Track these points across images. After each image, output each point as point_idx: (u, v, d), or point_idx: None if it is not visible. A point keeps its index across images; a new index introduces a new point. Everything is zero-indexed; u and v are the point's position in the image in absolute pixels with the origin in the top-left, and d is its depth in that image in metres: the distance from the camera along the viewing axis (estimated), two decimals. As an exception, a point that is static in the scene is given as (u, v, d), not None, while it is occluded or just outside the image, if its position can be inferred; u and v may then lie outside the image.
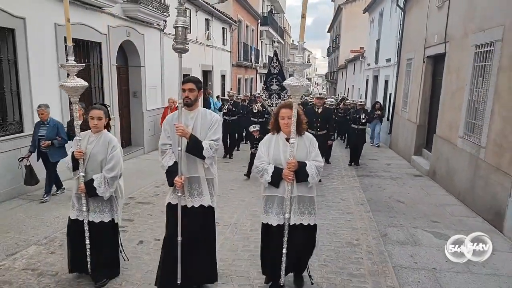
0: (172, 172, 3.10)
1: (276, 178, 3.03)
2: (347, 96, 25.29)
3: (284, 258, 3.08)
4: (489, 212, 5.33)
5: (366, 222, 5.32)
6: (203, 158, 3.08)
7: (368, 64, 19.48)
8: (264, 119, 9.21)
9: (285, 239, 3.03)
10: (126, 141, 9.98)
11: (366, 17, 21.31)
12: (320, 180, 6.94)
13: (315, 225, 3.21)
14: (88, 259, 3.43)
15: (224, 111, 10.26)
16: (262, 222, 3.21)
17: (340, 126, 13.65)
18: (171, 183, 3.11)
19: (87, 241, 3.38)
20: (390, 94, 13.83)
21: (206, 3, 14.35)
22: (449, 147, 7.15)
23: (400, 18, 12.58)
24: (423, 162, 8.97)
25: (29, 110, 6.16)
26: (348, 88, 29.15)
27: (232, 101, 10.35)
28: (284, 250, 3.04)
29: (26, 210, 5.49)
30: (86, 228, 3.36)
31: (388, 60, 14.45)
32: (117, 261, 3.66)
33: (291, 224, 3.05)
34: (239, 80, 21.98)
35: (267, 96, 7.90)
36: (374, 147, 12.69)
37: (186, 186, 3.15)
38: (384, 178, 8.19)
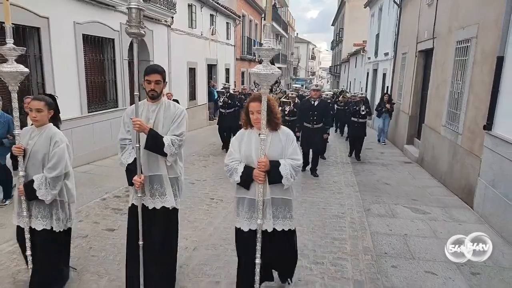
0: (131, 170, 2.86)
1: (246, 179, 2.66)
2: (349, 90, 25.86)
3: (257, 270, 2.70)
4: (463, 191, 5.97)
5: (353, 200, 5.98)
6: (164, 155, 2.83)
7: (369, 58, 20.00)
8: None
9: (258, 247, 2.65)
10: None
11: (368, 11, 21.78)
12: (317, 175, 7.37)
13: (293, 230, 2.90)
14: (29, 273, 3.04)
15: (220, 103, 10.32)
16: (235, 226, 2.87)
17: (339, 118, 14.24)
18: (130, 183, 2.87)
19: (28, 252, 2.98)
20: (387, 87, 14.40)
21: (211, -1, 14.95)
22: (435, 135, 7.77)
23: (397, 14, 13.11)
24: (414, 150, 9.59)
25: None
26: (350, 82, 29.65)
27: (228, 94, 10.23)
28: (257, 261, 2.67)
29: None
30: (27, 236, 2.95)
31: (386, 54, 15.00)
32: (62, 279, 3.24)
33: (263, 230, 2.69)
34: (242, 73, 22.58)
35: (258, 89, 7.30)
36: (381, 145, 11.63)
37: (147, 186, 2.91)
38: (376, 164, 8.82)
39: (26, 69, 2.92)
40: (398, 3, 12.58)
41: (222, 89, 10.92)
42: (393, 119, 12.54)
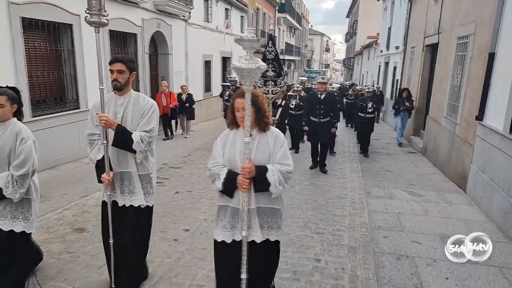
0: (101, 167, 2.77)
1: (229, 186, 2.38)
2: (361, 83, 26.12)
3: (243, 287, 2.43)
4: (458, 177, 6.45)
5: (355, 184, 6.53)
6: (133, 152, 2.74)
7: (381, 51, 20.25)
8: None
9: (244, 261, 2.40)
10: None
11: (381, 4, 21.94)
12: (326, 172, 7.21)
13: (276, 242, 2.57)
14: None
15: (226, 97, 10.37)
16: (214, 239, 2.56)
17: (349, 112, 14.43)
18: (99, 180, 2.81)
19: None
20: (397, 80, 14.75)
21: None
22: (436, 126, 8.22)
23: (407, 8, 13.41)
24: (419, 141, 10.03)
25: (84, 91, 7.59)
26: (363, 74, 29.86)
27: (234, 87, 10.15)
28: (243, 276, 2.41)
29: None
30: None
31: (397, 48, 15.30)
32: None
33: (249, 241, 2.42)
34: (256, 66, 23.08)
35: (262, 83, 7.16)
36: (397, 145, 10.32)
37: (118, 182, 2.85)
38: (381, 154, 9.30)
39: None
40: (408, -3, 12.87)
41: (227, 82, 11.12)
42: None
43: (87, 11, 2.48)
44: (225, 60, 17.26)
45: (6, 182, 2.71)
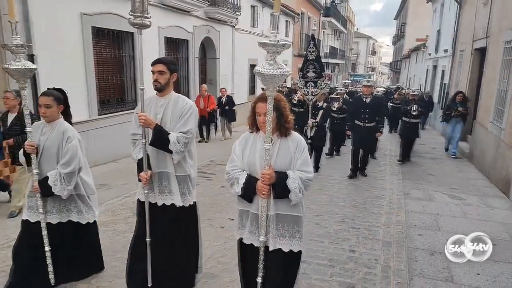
0: (141, 166, 2.83)
1: (248, 191, 2.36)
2: (408, 86, 25.45)
3: None
4: (502, 182, 6.37)
5: (394, 186, 6.66)
6: (170, 152, 2.78)
7: (429, 54, 19.74)
8: (303, 109, 8.27)
9: (261, 266, 2.41)
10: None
11: (431, 6, 21.38)
12: (366, 175, 7.22)
13: (298, 252, 2.48)
14: (50, 269, 3.04)
15: None
16: (237, 239, 2.61)
17: (393, 117, 14.08)
18: (139, 178, 2.86)
19: (47, 248, 2.98)
20: (445, 84, 14.39)
21: (272, -1, 15.97)
22: (483, 131, 8.08)
23: (457, 10, 13.09)
24: (465, 146, 9.81)
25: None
26: (410, 78, 29.06)
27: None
28: (259, 279, 2.43)
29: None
30: (44, 233, 2.95)
31: (445, 51, 14.94)
32: (97, 260, 3.42)
33: (266, 248, 2.41)
34: (299, 68, 23.37)
35: (303, 84, 7.14)
36: (450, 157, 9.19)
37: (156, 182, 2.90)
38: (424, 158, 9.25)
39: (34, 66, 2.83)
40: (458, 0, 12.59)
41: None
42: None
43: (131, 13, 2.48)
44: (270, 64, 17.72)
45: (54, 180, 2.87)
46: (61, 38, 6.31)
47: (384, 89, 14.30)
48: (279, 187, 2.30)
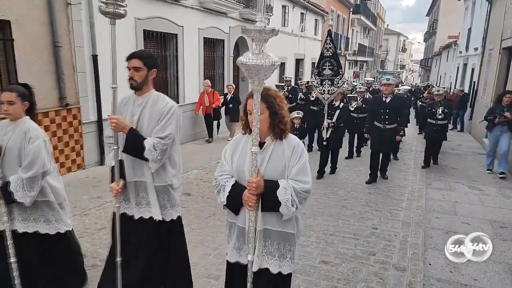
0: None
1: (234, 201, 2.09)
2: (438, 84, 25.25)
3: None
4: (522, 176, 6.66)
5: (417, 177, 7.12)
6: (146, 160, 2.46)
7: (460, 52, 19.64)
8: (319, 109, 7.93)
9: (249, 286, 2.11)
10: (235, 118, 12.77)
11: (462, 4, 21.20)
12: (386, 177, 6.79)
13: (288, 275, 2.18)
14: (16, 281, 2.67)
15: None
16: (227, 258, 2.31)
17: (423, 118, 13.78)
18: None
19: (12, 259, 2.63)
20: (474, 82, 14.46)
21: (303, -1, 16.51)
22: (508, 128, 8.33)
23: (487, 9, 13.15)
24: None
25: (183, 89, 9.18)
26: (440, 76, 28.74)
27: (289, 87, 9.57)
28: None
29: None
30: (9, 242, 2.61)
31: (476, 49, 14.97)
32: (74, 276, 3.03)
33: (248, 265, 2.12)
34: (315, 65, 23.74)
35: (319, 82, 6.74)
36: (492, 174, 7.39)
37: (133, 193, 2.60)
38: (449, 154, 9.57)
39: None
40: (488, -1, 12.68)
41: (283, 82, 10.16)
42: (477, 115, 12.74)
43: (103, 1, 2.25)
44: (298, 62, 18.29)
45: (16, 186, 2.55)
46: (120, 40, 7.11)
47: (410, 87, 13.87)
48: (268, 198, 2.00)
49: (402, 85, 18.18)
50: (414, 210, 5.30)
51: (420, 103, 14.09)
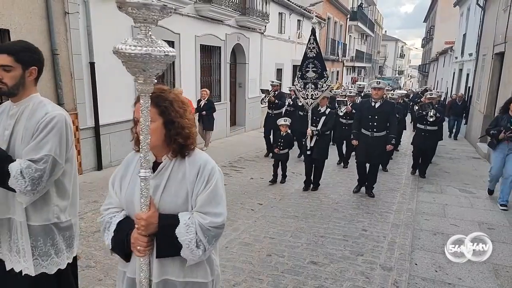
0: None
1: (122, 244, 1.54)
2: (436, 89, 25.43)
3: None
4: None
5: (410, 180, 7.23)
6: (12, 190, 1.79)
7: (456, 58, 19.88)
8: (303, 114, 7.51)
9: None
10: (233, 122, 12.95)
11: (458, 10, 21.48)
12: (373, 196, 6.03)
13: None
14: None
15: (264, 103, 9.28)
16: None
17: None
18: None
19: None
20: (469, 87, 14.64)
21: (300, 6, 16.71)
22: (499, 132, 8.46)
23: (481, 15, 13.36)
24: (485, 147, 10.12)
25: (179, 95, 9.34)
26: (437, 81, 29.00)
27: (275, 92, 8.97)
28: None
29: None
30: None
31: (470, 55, 15.18)
32: None
33: None
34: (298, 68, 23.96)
35: (302, 86, 6.16)
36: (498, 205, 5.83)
37: (5, 234, 1.93)
38: (443, 158, 9.68)
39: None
40: (481, 5, 12.89)
41: (269, 87, 9.42)
42: (471, 119, 12.87)
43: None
44: (296, 68, 18.44)
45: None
46: (185, 54, 9.33)
47: (405, 92, 13.70)
48: (163, 239, 1.48)
49: (398, 90, 18.28)
50: (405, 212, 5.40)
51: (416, 108, 14.19)
